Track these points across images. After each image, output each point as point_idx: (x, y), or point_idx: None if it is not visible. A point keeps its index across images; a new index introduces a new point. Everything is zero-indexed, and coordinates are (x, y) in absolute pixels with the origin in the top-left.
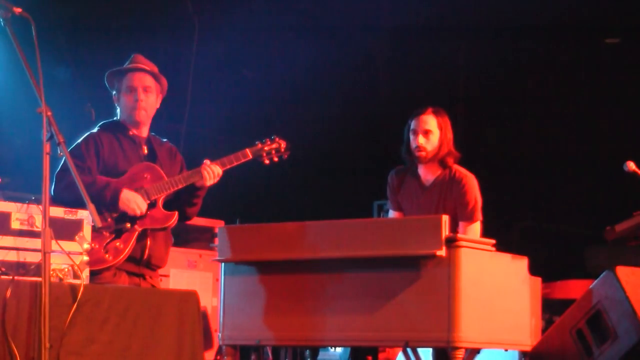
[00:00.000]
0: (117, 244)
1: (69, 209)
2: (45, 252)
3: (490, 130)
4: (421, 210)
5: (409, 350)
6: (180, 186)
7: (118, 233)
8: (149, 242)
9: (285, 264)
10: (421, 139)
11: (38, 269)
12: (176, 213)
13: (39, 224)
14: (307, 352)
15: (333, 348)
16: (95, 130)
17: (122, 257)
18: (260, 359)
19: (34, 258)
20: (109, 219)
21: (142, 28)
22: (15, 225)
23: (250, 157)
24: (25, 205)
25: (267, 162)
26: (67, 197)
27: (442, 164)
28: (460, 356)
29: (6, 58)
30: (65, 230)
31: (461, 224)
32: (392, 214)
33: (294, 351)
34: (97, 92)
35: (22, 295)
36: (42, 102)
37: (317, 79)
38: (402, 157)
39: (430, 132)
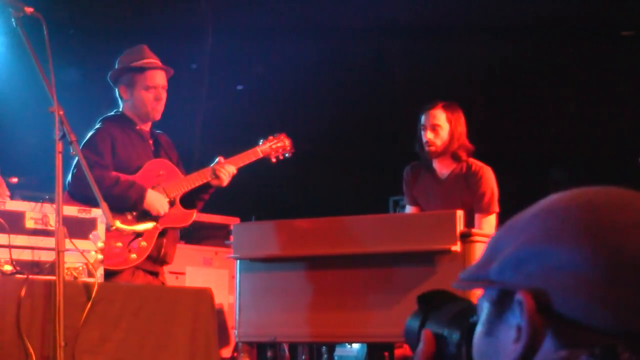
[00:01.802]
0: (141, 242)
1: (83, 208)
2: (60, 251)
3: (509, 124)
4: (437, 205)
5: None
6: (197, 185)
7: (141, 231)
8: (164, 241)
9: (301, 261)
10: (430, 134)
11: (52, 268)
12: (195, 211)
13: (53, 222)
14: (324, 349)
15: (350, 344)
16: (102, 125)
17: (145, 255)
18: (276, 356)
19: (48, 257)
20: (130, 217)
21: (156, 26)
22: (29, 224)
23: (261, 155)
24: (39, 204)
25: (274, 160)
26: (89, 194)
27: (455, 157)
28: None
29: (18, 58)
30: (79, 228)
31: (477, 216)
32: (409, 209)
33: (310, 348)
34: (108, 92)
35: (36, 294)
36: (54, 101)
37: (333, 75)
38: (416, 152)
39: (439, 127)
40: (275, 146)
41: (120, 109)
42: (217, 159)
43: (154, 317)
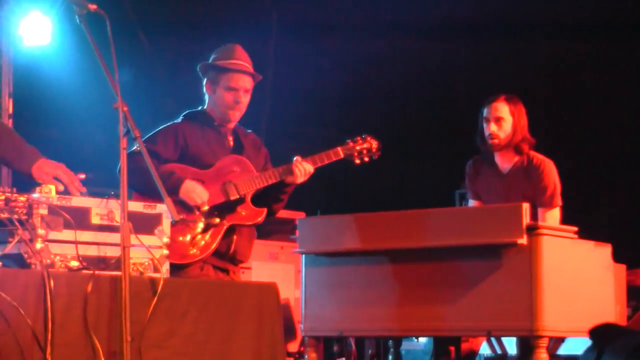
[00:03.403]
0: (206, 238)
1: (148, 204)
2: (125, 247)
3: (577, 116)
4: (499, 198)
5: (493, 339)
6: (270, 182)
7: (207, 227)
8: (235, 238)
9: (366, 255)
10: (493, 127)
11: (118, 263)
12: (265, 210)
13: (118, 218)
14: (390, 343)
15: (416, 338)
16: (179, 120)
17: (209, 252)
18: (343, 350)
19: (113, 252)
20: (198, 213)
21: (220, 22)
22: (95, 220)
23: (342, 156)
24: (104, 200)
25: (357, 161)
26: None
27: (517, 150)
28: (544, 345)
29: (85, 55)
30: (145, 224)
31: (540, 210)
32: (472, 202)
33: (377, 342)
34: (158, 93)
35: (102, 289)
36: (118, 97)
37: (398, 70)
38: (478, 145)
39: (503, 119)
40: (360, 147)
41: (205, 105)
42: (295, 158)
43: (220, 312)
